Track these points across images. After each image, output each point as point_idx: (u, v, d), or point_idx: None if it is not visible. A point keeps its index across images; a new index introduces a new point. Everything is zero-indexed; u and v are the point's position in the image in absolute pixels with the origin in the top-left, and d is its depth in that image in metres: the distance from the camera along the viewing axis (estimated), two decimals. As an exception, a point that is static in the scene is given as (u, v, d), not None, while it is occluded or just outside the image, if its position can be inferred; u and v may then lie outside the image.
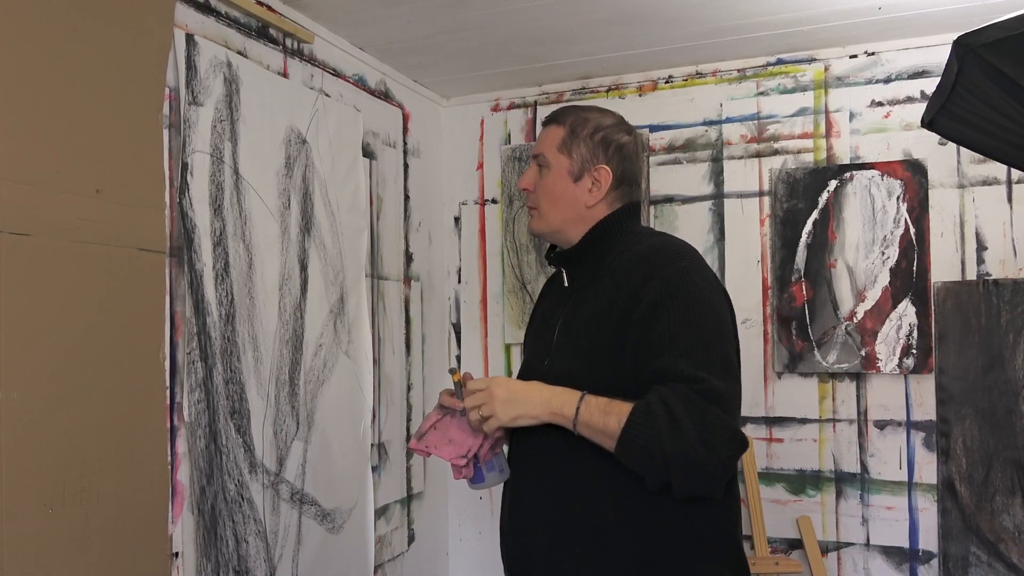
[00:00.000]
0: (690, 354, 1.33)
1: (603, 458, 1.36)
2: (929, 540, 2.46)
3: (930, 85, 2.43)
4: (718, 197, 2.73)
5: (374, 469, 2.53)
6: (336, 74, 2.43)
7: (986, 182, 2.45)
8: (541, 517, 1.46)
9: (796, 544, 2.59)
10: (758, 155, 2.69)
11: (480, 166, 3.07)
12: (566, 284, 1.59)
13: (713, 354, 1.36)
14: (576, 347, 1.47)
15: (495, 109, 3.04)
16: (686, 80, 2.79)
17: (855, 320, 2.53)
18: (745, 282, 2.67)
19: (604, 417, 1.33)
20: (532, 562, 1.47)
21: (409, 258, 2.84)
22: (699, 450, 1.26)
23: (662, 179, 2.80)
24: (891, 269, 2.51)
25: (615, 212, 1.54)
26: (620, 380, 1.38)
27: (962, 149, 2.44)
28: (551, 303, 1.64)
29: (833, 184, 2.58)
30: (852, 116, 2.58)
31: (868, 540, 2.53)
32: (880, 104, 2.56)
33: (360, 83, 2.55)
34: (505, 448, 1.60)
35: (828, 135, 2.61)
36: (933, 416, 2.46)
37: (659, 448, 1.27)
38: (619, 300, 1.42)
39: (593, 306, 1.47)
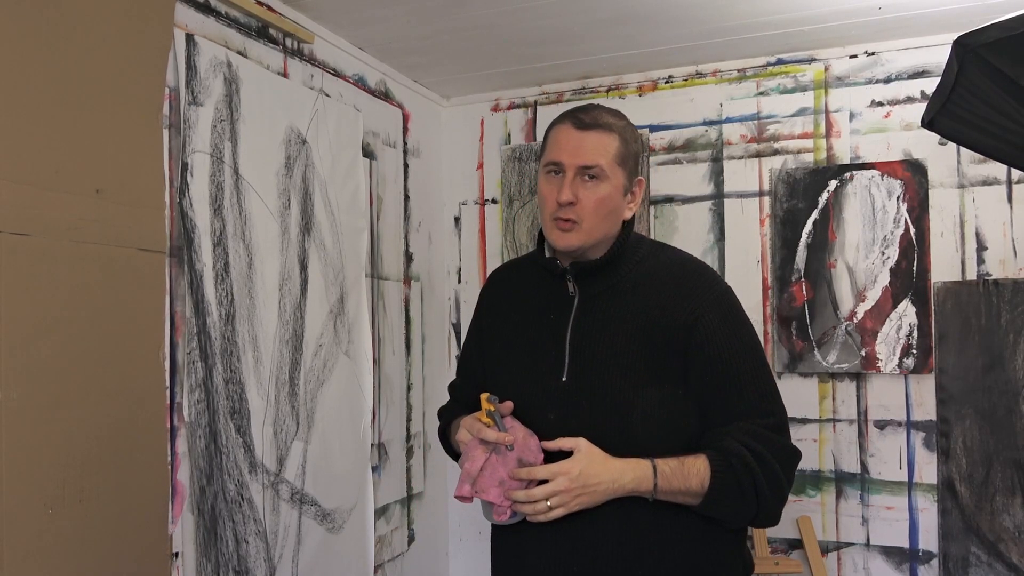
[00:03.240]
0: (755, 386, 1.41)
1: (660, 506, 1.38)
2: (929, 540, 2.46)
3: (930, 85, 2.43)
4: (718, 197, 2.73)
5: (374, 469, 2.53)
6: (336, 74, 2.43)
7: (986, 182, 2.45)
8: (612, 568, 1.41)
9: (796, 544, 2.59)
10: (758, 155, 2.69)
11: (480, 166, 3.07)
12: (570, 292, 1.48)
13: (770, 380, 1.44)
14: (615, 363, 1.40)
15: (495, 109, 3.04)
16: (686, 80, 2.79)
17: (855, 320, 2.53)
18: (745, 282, 2.67)
19: (684, 480, 1.34)
20: None
21: (409, 258, 2.84)
22: (785, 485, 1.39)
23: (662, 179, 2.80)
24: (891, 269, 2.51)
25: (629, 222, 1.50)
26: (676, 403, 1.39)
27: (962, 149, 2.44)
28: (542, 309, 1.51)
29: (833, 184, 2.58)
30: (852, 116, 2.58)
31: (868, 540, 2.53)
32: (880, 104, 2.56)
33: (360, 83, 2.55)
34: None
35: (828, 135, 2.61)
36: (933, 416, 2.46)
37: (751, 492, 1.35)
38: (665, 321, 1.40)
39: (625, 322, 1.42)
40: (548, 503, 1.32)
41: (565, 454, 1.36)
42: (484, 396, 1.42)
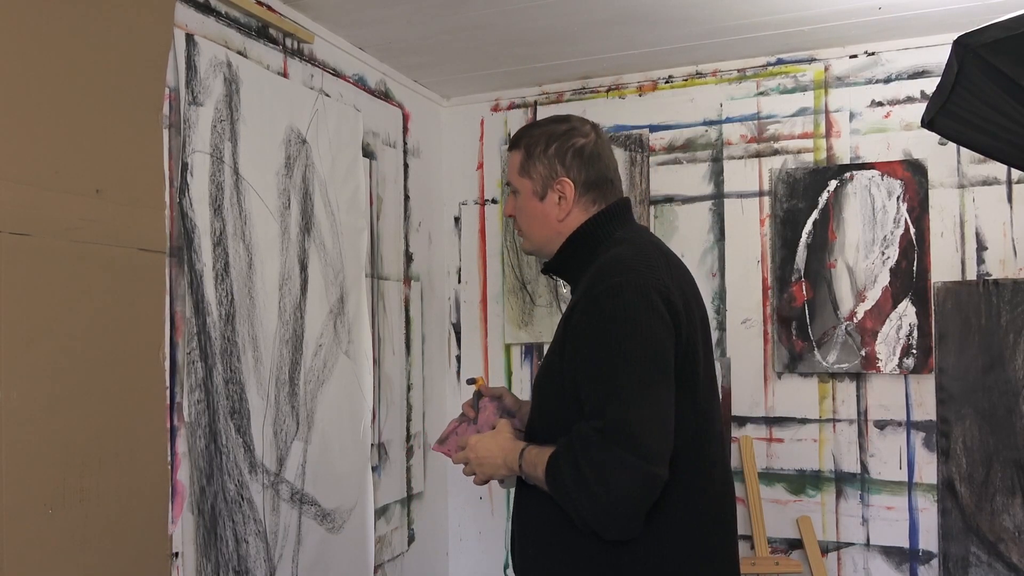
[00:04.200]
0: (597, 384, 1.31)
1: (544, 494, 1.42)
2: (929, 540, 2.46)
3: (930, 85, 2.43)
4: (718, 197, 2.73)
5: (374, 469, 2.53)
6: (336, 74, 2.43)
7: (986, 182, 2.45)
8: (517, 532, 1.56)
9: (796, 544, 2.59)
10: (758, 155, 2.69)
11: (480, 166, 3.07)
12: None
13: (620, 381, 1.29)
14: (543, 365, 1.52)
15: (495, 109, 3.04)
16: (686, 80, 2.79)
17: (855, 320, 2.53)
18: (745, 282, 2.67)
19: (535, 468, 1.39)
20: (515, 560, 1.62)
21: (409, 258, 2.84)
22: (597, 490, 1.26)
23: (662, 179, 2.80)
24: (891, 269, 2.51)
25: (589, 220, 1.52)
26: (559, 396, 1.41)
27: (962, 149, 2.44)
28: None
29: (833, 184, 2.58)
30: (852, 116, 2.58)
31: (868, 540, 2.53)
32: (880, 104, 2.56)
33: (360, 83, 2.55)
34: None
35: (828, 135, 2.61)
36: (933, 416, 2.46)
37: (566, 494, 1.32)
38: (564, 316, 1.45)
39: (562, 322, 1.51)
40: (465, 470, 1.58)
41: None
42: (467, 379, 1.77)
